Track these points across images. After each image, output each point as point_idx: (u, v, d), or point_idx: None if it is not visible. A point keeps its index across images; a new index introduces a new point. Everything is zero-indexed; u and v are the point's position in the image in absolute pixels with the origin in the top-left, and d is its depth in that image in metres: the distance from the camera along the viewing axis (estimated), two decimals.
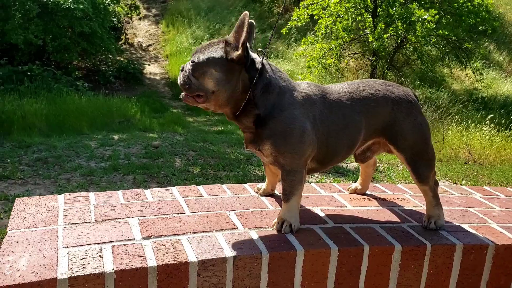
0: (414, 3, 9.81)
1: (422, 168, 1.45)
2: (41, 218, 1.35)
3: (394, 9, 9.90)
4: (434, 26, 9.25)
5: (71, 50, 10.46)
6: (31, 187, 4.30)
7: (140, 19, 18.80)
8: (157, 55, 16.38)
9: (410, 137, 1.43)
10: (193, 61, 1.33)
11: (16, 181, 4.45)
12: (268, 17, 17.58)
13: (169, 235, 1.30)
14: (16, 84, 8.28)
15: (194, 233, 1.33)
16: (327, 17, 11.00)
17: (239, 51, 1.27)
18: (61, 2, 9.75)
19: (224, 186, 1.79)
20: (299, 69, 12.61)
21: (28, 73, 8.71)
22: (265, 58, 1.40)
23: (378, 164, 6.10)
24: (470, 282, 1.41)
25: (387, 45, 11.51)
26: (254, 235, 1.35)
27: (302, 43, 11.72)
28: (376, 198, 1.75)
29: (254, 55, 1.36)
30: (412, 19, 9.43)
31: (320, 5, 11.26)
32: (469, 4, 10.15)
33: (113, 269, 1.09)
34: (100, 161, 5.46)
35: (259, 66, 1.33)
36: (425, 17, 9.30)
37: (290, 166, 1.33)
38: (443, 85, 11.46)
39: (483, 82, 11.05)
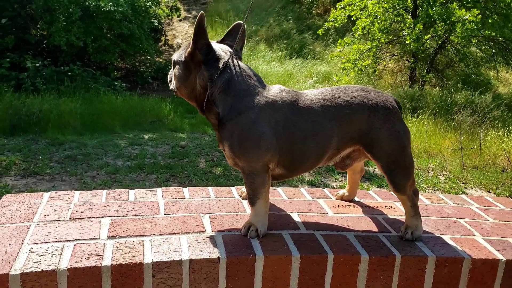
0: (454, 3, 9.35)
1: (399, 177, 1.38)
2: (19, 215, 1.42)
3: (434, 9, 9.49)
4: (475, 27, 8.76)
5: (110, 51, 10.93)
6: (57, 184, 4.53)
7: (180, 20, 19.29)
8: None
9: (386, 145, 1.38)
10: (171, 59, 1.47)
11: (44, 177, 4.71)
12: (307, 18, 17.45)
13: (134, 236, 1.32)
14: (57, 84, 8.76)
15: (160, 235, 1.35)
16: (365, 18, 10.75)
17: (189, 48, 1.35)
18: (102, 5, 10.21)
19: (209, 188, 1.80)
20: (336, 70, 12.41)
21: (69, 73, 9.19)
22: (235, 58, 1.40)
23: None
24: None
25: (428, 46, 11.05)
26: (218, 238, 1.34)
27: (338, 44, 11.52)
28: (362, 205, 1.69)
29: (223, 55, 1.38)
30: (452, 19, 9.00)
31: (358, 5, 11.02)
32: None
33: (66, 267, 1.12)
34: (127, 159, 5.66)
35: (221, 65, 1.33)
36: (466, 17, 8.83)
37: (248, 169, 1.33)
38: (488, 88, 10.82)
39: None
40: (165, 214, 1.50)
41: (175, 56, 1.45)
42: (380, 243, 1.39)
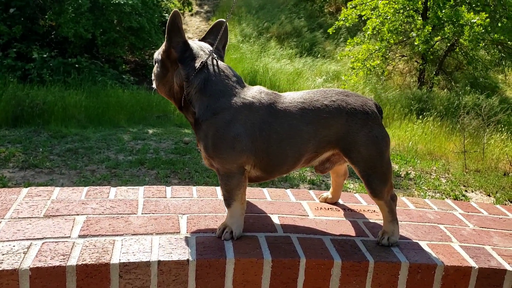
0: (463, 6, 9.19)
1: (376, 182, 1.35)
2: None
3: (443, 11, 9.34)
4: (483, 30, 8.61)
5: (119, 44, 10.96)
6: (56, 177, 4.55)
7: (192, 15, 19.30)
8: None
9: (363, 149, 1.34)
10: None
11: (43, 170, 4.73)
12: (319, 16, 17.32)
13: (106, 235, 1.30)
14: (63, 75, 8.81)
15: (133, 235, 1.32)
16: (375, 18, 10.62)
17: (163, 47, 1.34)
18: None
19: (193, 188, 1.77)
20: (345, 70, 12.30)
21: (76, 65, 9.23)
22: (215, 57, 1.37)
23: (409, 172, 5.78)
24: None
25: (437, 48, 10.89)
26: (191, 240, 1.31)
27: (347, 43, 11.42)
28: (345, 208, 1.66)
29: (202, 53, 1.35)
30: (461, 22, 8.85)
31: (369, 5, 10.90)
32: None
33: (29, 266, 1.10)
34: (129, 154, 5.67)
35: (198, 64, 1.30)
36: (474, 20, 8.68)
37: (223, 171, 1.31)
38: (496, 92, 10.64)
39: None
40: (142, 214, 1.48)
41: (155, 54, 1.43)
42: (355, 248, 1.35)
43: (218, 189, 1.78)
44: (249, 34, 16.73)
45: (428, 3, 10.25)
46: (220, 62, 1.39)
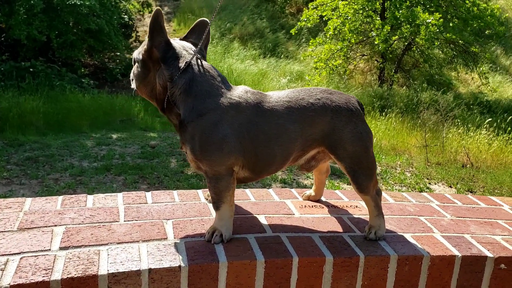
0: (419, 7, 9.62)
1: (362, 178, 1.37)
2: None
3: (400, 12, 9.73)
4: (438, 30, 9.06)
5: (77, 47, 10.54)
6: (15, 188, 4.31)
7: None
8: None
9: (349, 146, 1.36)
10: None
11: (0, 181, 4.46)
12: (280, 17, 17.49)
13: (89, 246, 1.24)
14: (17, 80, 8.35)
15: (118, 243, 1.26)
16: (336, 18, 10.87)
17: (145, 46, 1.31)
18: None
19: (174, 192, 1.72)
20: (308, 70, 12.50)
21: (31, 69, 8.78)
22: (198, 58, 1.34)
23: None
24: None
25: (395, 47, 11.31)
26: (181, 245, 1.27)
27: (310, 44, 11.61)
28: (328, 205, 1.67)
29: (185, 53, 1.32)
30: (417, 22, 9.25)
31: (330, 6, 11.14)
32: (475, 8, 9.95)
33: (9, 284, 1.02)
34: (93, 160, 5.46)
35: (182, 65, 1.27)
36: (429, 20, 9.11)
37: (211, 173, 1.28)
38: (450, 88, 11.21)
39: (489, 86, 10.81)
40: (124, 221, 1.42)
41: (135, 54, 1.38)
42: (345, 244, 1.36)
43: (200, 193, 1.74)
44: (212, 35, 16.63)
45: (386, 3, 10.63)
46: (204, 62, 1.36)
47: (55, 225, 1.35)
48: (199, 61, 1.34)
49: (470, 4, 9.95)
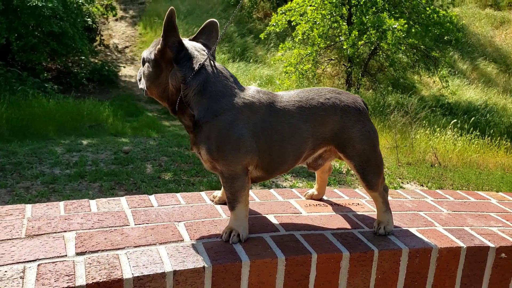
0: (385, 12, 10.01)
1: (371, 175, 1.41)
2: None
3: (367, 17, 10.07)
4: (403, 35, 9.47)
5: (39, 50, 10.12)
6: None
7: (116, 20, 18.49)
8: (133, 57, 16.12)
9: (358, 144, 1.40)
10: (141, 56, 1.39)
11: None
12: (248, 22, 17.61)
13: (106, 250, 1.20)
14: None
15: (135, 247, 1.24)
16: (305, 23, 11.09)
17: (159, 46, 1.28)
18: None
19: (178, 195, 1.70)
20: (278, 74, 12.64)
21: None
22: (211, 59, 1.34)
23: (350, 168, 6.10)
24: (416, 285, 1.39)
25: (361, 52, 11.68)
26: (199, 247, 1.26)
27: (280, 48, 11.76)
28: (331, 203, 1.71)
29: (197, 54, 1.31)
30: (384, 28, 9.62)
31: (298, 11, 11.34)
32: (435, 15, 10.48)
33: None
34: (65, 168, 5.26)
35: (196, 66, 1.26)
36: (395, 26, 9.51)
37: (227, 173, 1.29)
38: (414, 91, 11.71)
39: (449, 89, 11.41)
40: (136, 225, 1.39)
41: (145, 54, 1.36)
42: (357, 240, 1.40)
43: (204, 195, 1.73)
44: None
45: (352, 9, 10.96)
46: (216, 63, 1.36)
47: (65, 231, 1.30)
48: (211, 61, 1.34)
49: (431, 11, 10.46)
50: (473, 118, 7.85)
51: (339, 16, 11.25)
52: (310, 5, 11.12)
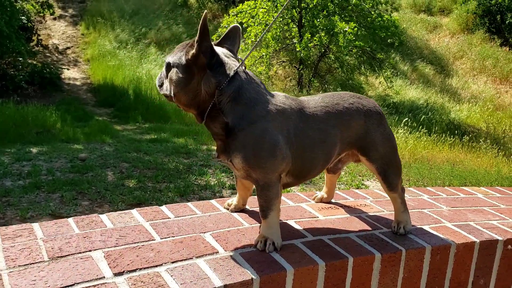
0: (336, 16, 10.39)
1: (392, 177, 1.47)
2: None
3: (318, 20, 10.39)
4: (354, 38, 9.91)
5: None
6: None
7: (55, 19, 17.41)
8: (76, 58, 15.28)
9: (381, 147, 1.45)
10: (165, 61, 1.32)
11: None
12: (197, 23, 17.42)
13: (144, 268, 1.13)
14: None
15: (172, 262, 1.18)
16: (256, 25, 11.18)
17: (193, 50, 1.23)
18: None
19: (189, 204, 1.64)
20: None
21: None
22: (242, 66, 1.31)
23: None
24: (436, 281, 1.46)
25: (312, 54, 12.02)
26: (238, 258, 1.23)
27: None
28: (341, 206, 1.75)
29: (228, 60, 1.29)
30: (335, 30, 9.98)
31: (249, 13, 11.42)
32: (380, 19, 11.09)
33: None
34: (17, 178, 4.86)
35: (230, 72, 1.24)
36: (346, 29, 9.92)
37: (263, 181, 1.27)
38: (361, 92, 12.27)
39: (393, 89, 12.11)
40: (161, 238, 1.32)
41: (171, 59, 1.29)
42: (382, 240, 1.44)
43: (215, 202, 1.69)
44: (126, 40, 15.88)
45: (302, 12, 11.24)
46: (247, 70, 1.34)
47: (89, 250, 1.20)
48: (243, 67, 1.32)
49: (376, 15, 11.03)
50: (423, 117, 8.39)
51: (290, 19, 11.50)
52: (262, 8, 11.24)
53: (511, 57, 14.16)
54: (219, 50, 1.31)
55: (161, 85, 1.34)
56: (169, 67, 1.30)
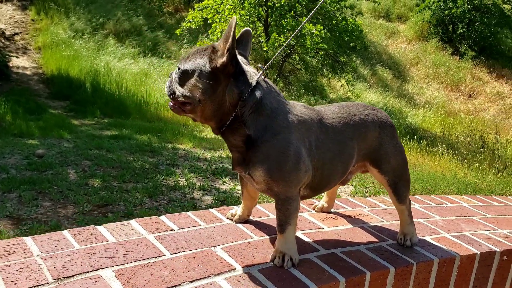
0: (304, 17, 10.50)
1: (402, 189, 1.47)
2: None
3: (286, 20, 10.45)
4: (320, 40, 10.06)
5: None
6: None
7: (1, 1, 16.20)
8: (26, 46, 14.31)
9: (393, 160, 1.45)
10: (179, 68, 1.22)
11: None
12: (158, 15, 16.94)
13: None
14: None
15: (191, 281, 1.10)
16: (222, 22, 11.04)
17: (223, 59, 1.15)
18: None
19: (190, 214, 1.56)
20: None
21: None
22: (263, 76, 1.25)
23: None
24: None
25: (279, 54, 12.08)
26: (258, 275, 1.18)
27: (198, 45, 11.53)
28: (342, 215, 1.74)
29: (248, 68, 1.22)
30: (303, 32, 10.08)
31: (215, 9, 11.25)
32: (344, 23, 11.36)
33: None
34: None
35: (252, 81, 1.18)
36: (313, 31, 10.05)
37: (284, 195, 1.22)
38: (323, 94, 12.52)
39: (354, 92, 12.46)
40: (172, 254, 1.23)
41: (190, 65, 1.18)
42: (392, 253, 1.44)
43: (215, 212, 1.62)
44: (82, 29, 15.08)
45: (269, 11, 11.25)
46: (266, 78, 1.27)
47: (98, 269, 1.09)
48: (263, 76, 1.25)
49: (341, 19, 11.27)
50: None
51: (256, 17, 11.46)
52: (228, 4, 11.12)
53: (461, 66, 15.07)
54: (239, 57, 1.24)
55: (173, 94, 1.23)
56: (186, 74, 1.19)
